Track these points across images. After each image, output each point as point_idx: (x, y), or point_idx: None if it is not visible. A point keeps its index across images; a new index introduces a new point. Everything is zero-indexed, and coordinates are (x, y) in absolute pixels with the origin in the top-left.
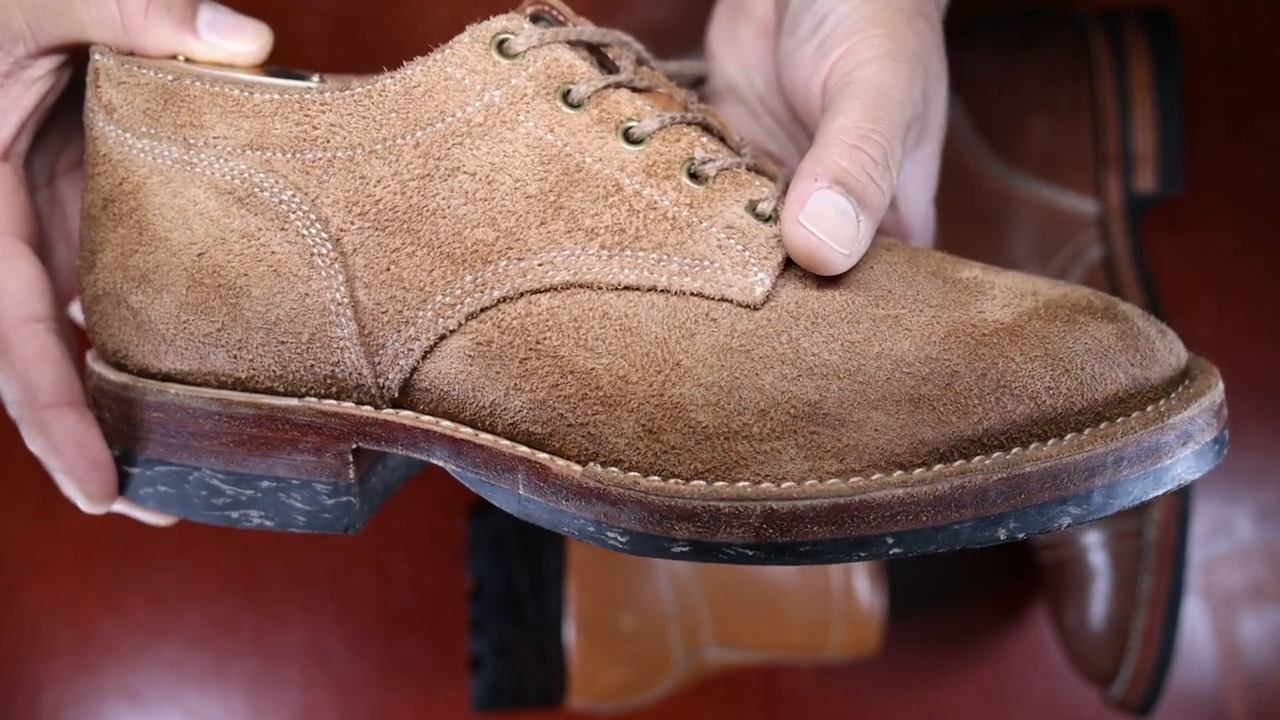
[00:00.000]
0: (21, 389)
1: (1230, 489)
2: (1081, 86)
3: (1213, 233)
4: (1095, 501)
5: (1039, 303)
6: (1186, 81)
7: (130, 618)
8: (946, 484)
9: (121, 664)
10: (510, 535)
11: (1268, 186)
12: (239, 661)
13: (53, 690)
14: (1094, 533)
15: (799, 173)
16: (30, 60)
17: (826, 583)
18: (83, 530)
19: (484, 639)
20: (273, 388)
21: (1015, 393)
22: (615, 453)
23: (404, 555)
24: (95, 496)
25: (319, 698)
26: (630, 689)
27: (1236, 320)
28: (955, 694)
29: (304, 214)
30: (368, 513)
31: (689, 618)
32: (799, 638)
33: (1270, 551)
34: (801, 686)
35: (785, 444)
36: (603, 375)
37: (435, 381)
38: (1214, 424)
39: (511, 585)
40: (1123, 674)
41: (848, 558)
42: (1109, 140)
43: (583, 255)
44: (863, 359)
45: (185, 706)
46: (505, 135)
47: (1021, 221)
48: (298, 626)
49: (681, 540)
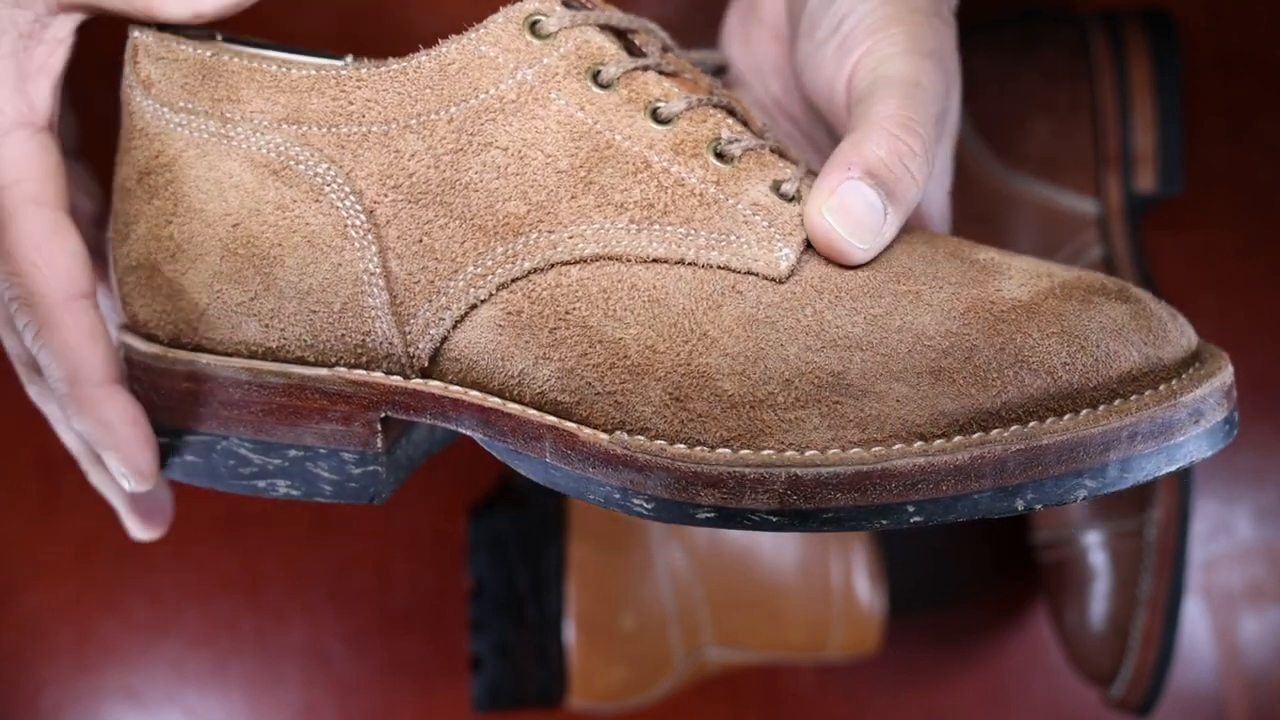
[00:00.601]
0: (69, 366)
1: (1230, 489)
2: (1081, 86)
3: (1213, 233)
4: (1110, 475)
5: (1054, 283)
6: (1186, 81)
7: (130, 618)
8: (966, 454)
9: (121, 664)
10: (510, 535)
11: (1268, 186)
12: (239, 661)
13: (53, 690)
14: (1094, 533)
15: (834, 158)
16: (51, 18)
17: (826, 583)
18: (83, 530)
19: (484, 639)
20: (303, 357)
21: (1033, 367)
22: (642, 421)
23: (404, 555)
24: (145, 474)
25: (319, 698)
26: (630, 689)
27: (1236, 320)
28: (955, 694)
29: (338, 186)
30: (393, 483)
31: (689, 618)
32: (799, 638)
33: (1270, 551)
34: (801, 686)
35: (809, 413)
36: (630, 345)
37: (465, 351)
38: (1224, 404)
39: (511, 585)
40: (1123, 674)
41: (870, 525)
42: (1109, 140)
43: (612, 229)
44: (885, 332)
45: (185, 706)
46: (537, 112)
47: (1021, 221)
48: (298, 626)
49: (707, 506)
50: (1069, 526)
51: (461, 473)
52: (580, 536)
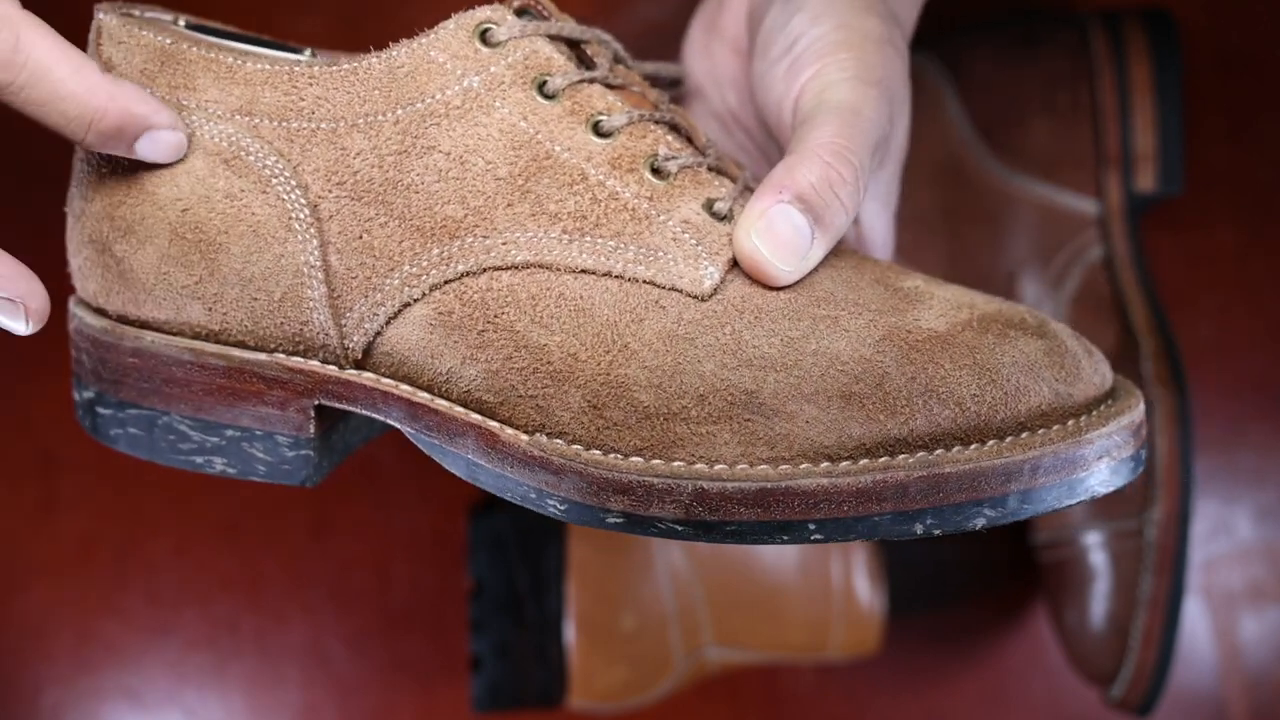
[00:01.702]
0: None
1: (1230, 489)
2: (1082, 86)
3: (1213, 233)
4: (1010, 505)
5: (974, 315)
6: (1187, 81)
7: (130, 618)
8: (869, 478)
9: (121, 664)
10: (510, 535)
11: (1268, 186)
12: (239, 661)
13: (53, 690)
14: (1094, 533)
15: (767, 182)
16: None
17: (826, 583)
18: (83, 530)
19: (484, 639)
20: (243, 341)
21: (942, 397)
22: (561, 425)
23: (404, 555)
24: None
25: (319, 698)
26: (630, 689)
27: (1236, 320)
28: (955, 694)
29: (285, 179)
30: (326, 468)
31: (689, 618)
32: (799, 638)
33: (1270, 551)
34: (801, 686)
35: (721, 429)
36: (554, 351)
37: (397, 346)
38: (1131, 442)
39: (511, 585)
40: (1123, 674)
41: (771, 540)
42: (1109, 140)
43: (545, 238)
44: (800, 354)
45: (185, 706)
46: (480, 119)
47: (1021, 221)
48: (298, 626)
49: (616, 512)
50: (1069, 527)
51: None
52: (580, 536)
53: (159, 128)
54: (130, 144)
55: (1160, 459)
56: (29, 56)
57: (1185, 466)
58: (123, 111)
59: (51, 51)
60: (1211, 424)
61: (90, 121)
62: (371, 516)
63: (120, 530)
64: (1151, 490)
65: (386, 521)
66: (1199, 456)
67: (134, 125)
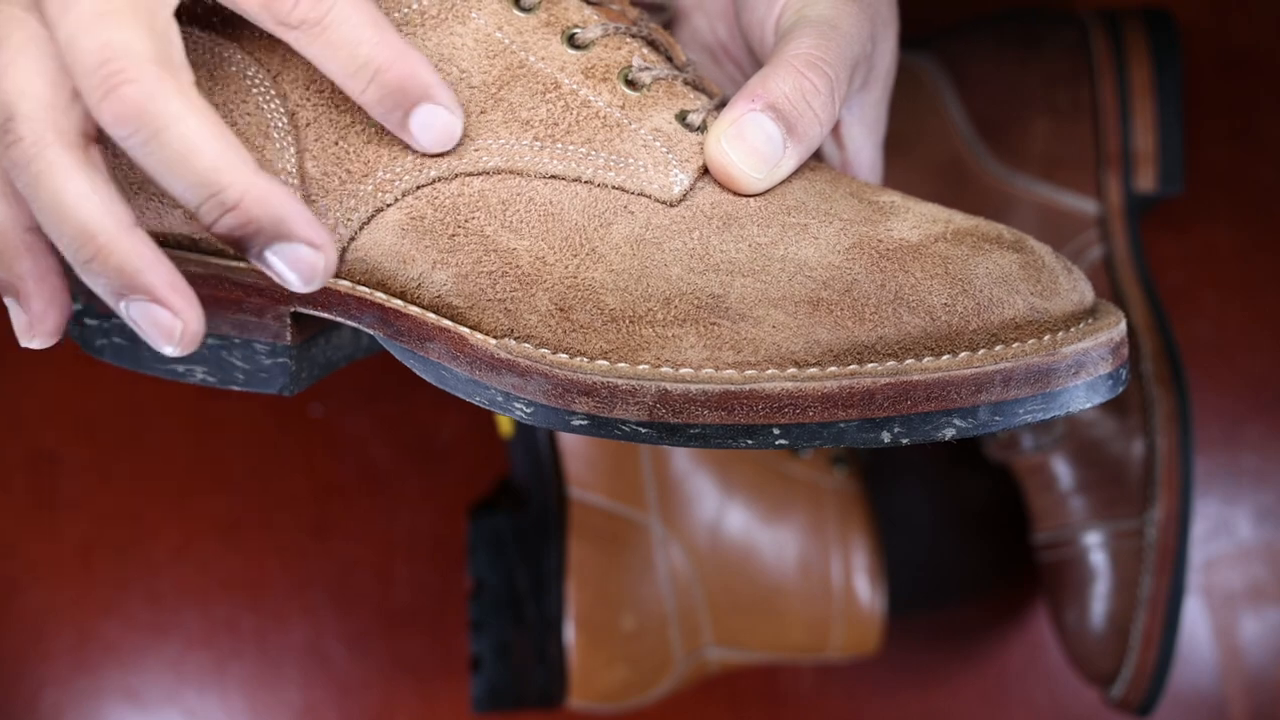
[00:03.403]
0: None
1: (1230, 489)
2: (1082, 86)
3: (1213, 233)
4: (981, 416)
5: (949, 228)
6: (1187, 81)
7: (130, 618)
8: (835, 383)
9: (121, 664)
10: (510, 535)
11: (1268, 186)
12: (239, 661)
13: (53, 690)
14: (1094, 533)
15: (741, 91)
16: None
17: (826, 583)
18: (83, 530)
19: (484, 639)
20: (221, 250)
21: (911, 305)
22: (528, 329)
23: (404, 556)
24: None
25: (319, 698)
26: (630, 689)
27: (1236, 320)
28: (955, 694)
29: (265, 89)
30: (304, 380)
31: (689, 618)
32: (799, 638)
33: (1270, 551)
34: (801, 686)
35: (686, 331)
36: (523, 255)
37: (370, 252)
38: (1109, 359)
39: (511, 585)
40: (1123, 674)
41: (735, 444)
42: (1109, 140)
43: (516, 144)
44: (768, 260)
45: (185, 706)
46: (455, 29)
47: (1021, 221)
48: (298, 626)
49: (580, 414)
50: (1069, 527)
51: (461, 473)
52: (580, 536)
53: (439, 102)
54: (408, 111)
55: (1160, 459)
56: (335, 2)
57: (1185, 466)
58: (410, 71)
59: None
60: (1211, 424)
61: (376, 70)
62: (372, 517)
63: (120, 530)
64: (1151, 490)
65: (387, 522)
66: (1199, 456)
67: (416, 88)
